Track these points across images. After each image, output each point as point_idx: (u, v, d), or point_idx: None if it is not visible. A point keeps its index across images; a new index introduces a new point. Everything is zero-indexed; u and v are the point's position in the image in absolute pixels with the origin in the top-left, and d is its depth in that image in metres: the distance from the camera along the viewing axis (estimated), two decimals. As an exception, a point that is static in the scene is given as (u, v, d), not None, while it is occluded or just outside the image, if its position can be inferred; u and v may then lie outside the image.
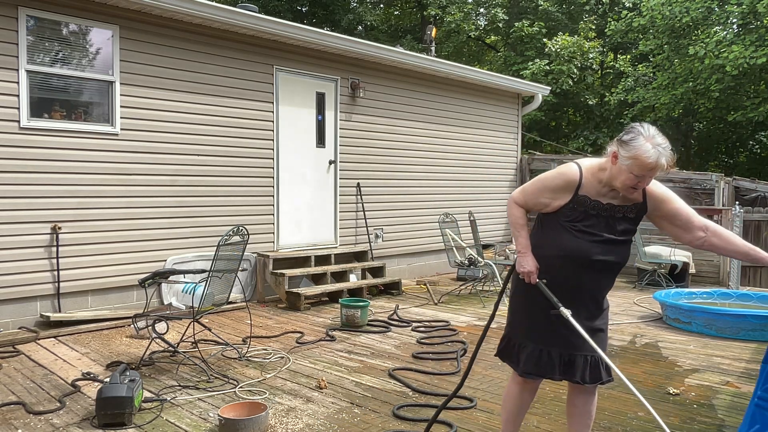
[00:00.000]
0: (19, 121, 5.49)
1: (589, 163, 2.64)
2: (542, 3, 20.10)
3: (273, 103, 7.42)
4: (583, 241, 2.56)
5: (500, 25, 20.88)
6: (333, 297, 7.20)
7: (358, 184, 8.48)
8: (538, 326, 2.69)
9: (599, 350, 2.57)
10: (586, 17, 20.67)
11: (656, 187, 2.61)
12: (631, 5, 19.41)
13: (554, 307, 2.58)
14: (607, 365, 2.63)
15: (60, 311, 5.76)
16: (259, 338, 5.51)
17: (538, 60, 18.19)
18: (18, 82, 5.46)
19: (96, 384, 4.18)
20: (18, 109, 5.48)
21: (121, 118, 6.13)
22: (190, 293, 5.64)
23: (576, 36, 18.80)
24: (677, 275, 8.64)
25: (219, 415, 3.40)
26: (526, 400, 2.89)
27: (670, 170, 2.44)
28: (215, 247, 4.69)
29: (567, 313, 2.54)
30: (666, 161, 2.40)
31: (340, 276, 7.69)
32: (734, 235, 2.60)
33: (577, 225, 2.58)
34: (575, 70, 17.90)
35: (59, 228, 5.74)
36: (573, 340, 2.62)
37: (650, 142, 2.41)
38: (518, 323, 2.79)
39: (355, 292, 7.38)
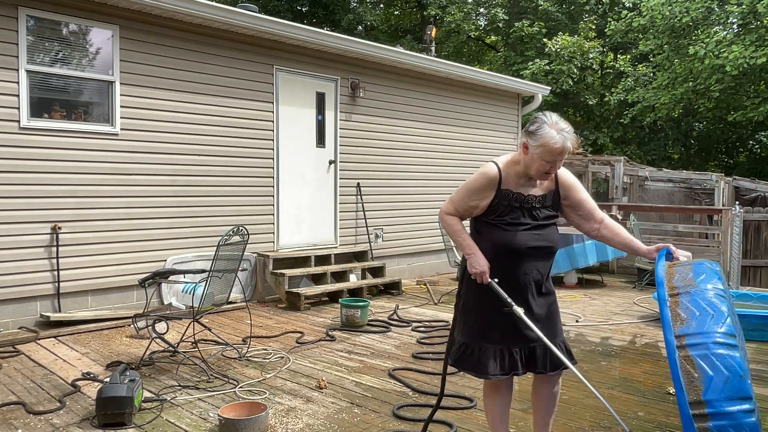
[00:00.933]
0: (19, 121, 5.49)
1: (503, 158, 2.80)
2: (542, 3, 20.10)
3: (273, 103, 7.42)
4: (513, 232, 2.71)
5: (500, 25, 20.89)
6: (333, 297, 7.20)
7: (358, 184, 8.48)
8: (495, 326, 2.74)
9: (551, 344, 2.65)
10: (586, 17, 20.68)
11: (567, 175, 2.83)
12: (631, 5, 19.41)
13: (506, 305, 2.65)
14: (568, 350, 2.77)
15: (60, 311, 5.76)
16: (259, 338, 5.51)
17: (538, 60, 18.19)
18: (18, 82, 5.46)
19: (96, 384, 4.18)
20: (18, 109, 5.48)
21: (121, 118, 6.13)
22: (190, 293, 5.64)
23: (576, 36, 18.80)
24: (677, 275, 8.62)
25: (219, 415, 3.40)
26: (506, 397, 2.92)
27: (576, 151, 2.66)
28: (215, 247, 4.69)
29: (520, 311, 2.62)
30: (571, 144, 2.61)
31: (340, 276, 7.69)
32: (622, 229, 2.82)
33: (505, 218, 2.72)
34: (575, 70, 17.90)
35: (59, 228, 5.74)
36: (530, 333, 2.68)
37: (554, 128, 2.59)
38: (473, 327, 2.80)
39: (355, 292, 7.38)
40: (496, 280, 2.68)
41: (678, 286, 2.41)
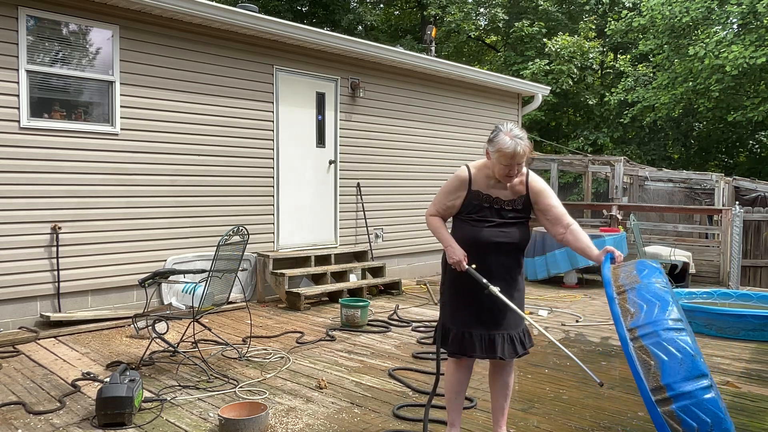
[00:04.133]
0: (19, 121, 5.49)
1: (475, 163, 3.12)
2: (542, 3, 20.10)
3: (273, 103, 7.42)
4: (479, 227, 3.01)
5: (500, 25, 20.90)
6: (333, 297, 7.20)
7: (358, 184, 8.49)
8: (461, 312, 3.06)
9: (525, 316, 2.98)
10: (586, 17, 20.68)
11: (537, 182, 3.07)
12: (631, 5, 19.42)
13: (483, 290, 2.90)
14: (522, 341, 3.07)
15: (60, 311, 5.76)
16: (259, 338, 5.51)
17: (538, 60, 18.19)
18: (18, 82, 5.46)
19: (96, 384, 4.18)
20: (18, 109, 5.48)
21: (121, 118, 6.13)
22: (190, 293, 5.64)
23: (576, 36, 18.81)
24: (677, 275, 8.64)
25: (219, 415, 3.40)
26: (464, 375, 3.18)
27: (529, 155, 2.92)
28: (215, 247, 4.69)
29: (496, 290, 2.90)
30: (522, 149, 2.86)
31: (340, 276, 7.69)
32: (584, 236, 3.00)
33: (473, 216, 3.04)
34: (575, 70, 17.90)
35: (59, 228, 5.74)
36: (492, 323, 3.01)
37: (508, 135, 2.88)
38: (446, 310, 3.14)
39: (355, 292, 7.37)
40: (474, 266, 2.96)
41: (624, 284, 2.55)
